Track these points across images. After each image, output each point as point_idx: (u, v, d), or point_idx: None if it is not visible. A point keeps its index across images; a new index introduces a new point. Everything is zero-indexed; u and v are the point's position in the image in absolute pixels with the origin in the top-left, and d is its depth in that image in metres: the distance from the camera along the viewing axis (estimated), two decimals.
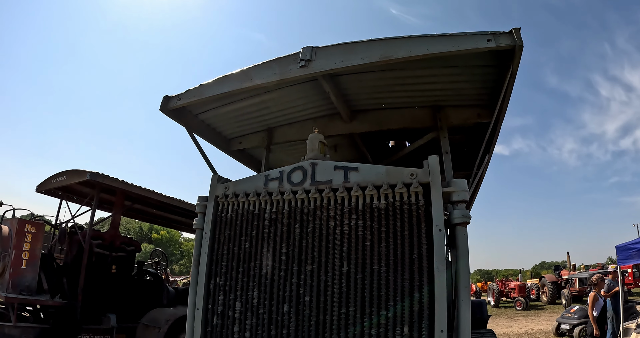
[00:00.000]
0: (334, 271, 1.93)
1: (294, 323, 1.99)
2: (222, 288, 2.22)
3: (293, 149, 3.71)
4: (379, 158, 3.67)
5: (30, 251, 5.55)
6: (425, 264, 1.84)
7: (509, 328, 15.73)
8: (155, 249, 10.73)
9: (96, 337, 5.90)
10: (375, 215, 1.94)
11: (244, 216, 2.23)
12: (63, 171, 6.45)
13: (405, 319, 1.83)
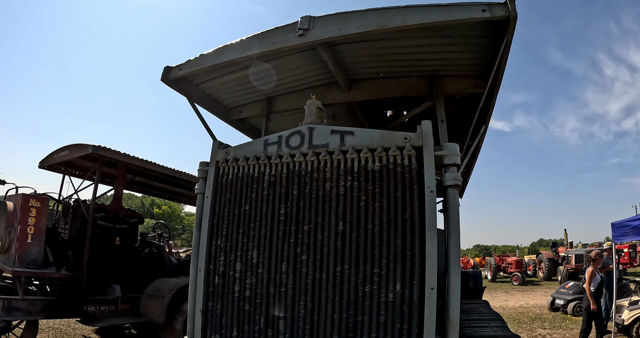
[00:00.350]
0: (329, 231, 2.03)
1: (291, 281, 2.10)
2: (223, 250, 2.33)
3: (292, 117, 3.77)
4: (377, 127, 3.74)
5: (36, 226, 5.66)
6: (417, 224, 1.93)
7: (505, 302, 16.09)
8: (158, 222, 10.91)
9: (101, 308, 6.07)
10: (369, 176, 2.02)
11: (244, 180, 2.32)
12: (65, 145, 6.50)
13: (397, 277, 1.93)
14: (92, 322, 5.92)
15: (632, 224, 6.95)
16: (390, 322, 1.93)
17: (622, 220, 7.26)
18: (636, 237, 6.94)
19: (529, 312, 13.03)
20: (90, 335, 8.02)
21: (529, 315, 12.51)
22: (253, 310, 2.21)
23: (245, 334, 2.25)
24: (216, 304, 2.35)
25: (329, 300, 2.01)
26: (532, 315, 12.36)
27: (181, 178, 7.16)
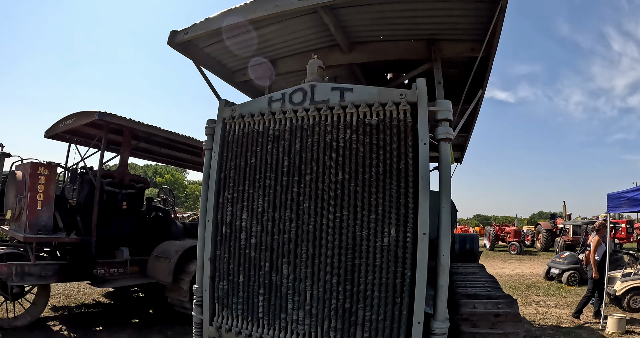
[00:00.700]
0: (330, 180, 2.19)
1: (294, 227, 2.27)
2: (230, 200, 2.50)
3: (295, 79, 3.89)
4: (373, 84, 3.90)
5: (45, 193, 5.81)
6: (411, 173, 2.08)
7: (502, 269, 16.50)
8: (163, 187, 11.18)
9: (111, 270, 6.30)
10: (367, 130, 2.16)
11: (249, 135, 2.46)
12: (71, 114, 6.59)
13: (392, 222, 2.10)
14: (102, 284, 6.17)
15: (627, 195, 7.04)
16: (386, 264, 2.11)
17: (618, 191, 7.35)
18: (630, 209, 7.05)
19: (524, 280, 13.42)
20: (99, 299, 8.34)
21: (525, 282, 12.89)
22: (258, 256, 2.40)
23: (251, 279, 2.44)
24: (224, 252, 2.54)
25: (329, 245, 2.19)
26: (528, 283, 12.74)
27: (185, 143, 7.28)
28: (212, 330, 2.64)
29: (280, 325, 2.35)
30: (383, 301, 2.11)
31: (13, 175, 5.98)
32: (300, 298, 2.27)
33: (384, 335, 2.13)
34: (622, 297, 8.45)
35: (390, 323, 2.12)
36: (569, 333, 7.07)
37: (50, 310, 6.96)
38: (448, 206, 2.12)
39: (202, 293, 2.66)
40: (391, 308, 2.11)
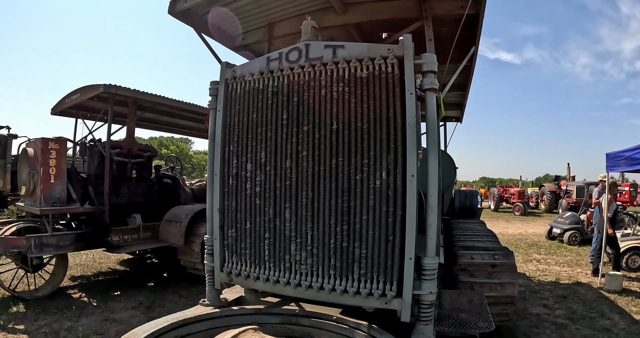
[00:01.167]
0: (325, 129, 2.39)
1: (294, 175, 2.50)
2: (235, 154, 2.72)
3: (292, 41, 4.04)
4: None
5: (57, 166, 6.07)
6: (399, 121, 2.27)
7: (505, 229, 16.92)
8: (170, 155, 11.51)
9: (125, 236, 6.64)
10: (358, 82, 2.35)
11: (250, 93, 2.66)
12: (76, 89, 6.79)
13: (383, 166, 2.31)
14: (117, 250, 6.51)
15: (625, 154, 7.18)
16: (378, 205, 2.33)
17: (617, 150, 7.50)
18: (628, 168, 7.21)
19: (527, 239, 13.84)
20: (115, 267, 8.75)
21: (527, 241, 13.33)
22: (263, 204, 2.63)
23: (257, 225, 2.69)
24: (231, 202, 2.78)
25: (326, 189, 2.41)
26: (530, 242, 13.19)
27: (189, 110, 7.47)
28: (223, 276, 2.91)
29: (285, 266, 2.61)
30: (377, 239, 2.34)
31: (25, 153, 6.21)
32: (302, 240, 2.52)
33: (379, 271, 2.37)
34: (621, 256, 8.73)
35: (385, 259, 2.35)
36: (566, 289, 7.40)
37: (69, 279, 7.35)
38: (435, 150, 2.32)
39: (213, 242, 2.92)
40: (384, 246, 2.34)
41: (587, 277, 8.30)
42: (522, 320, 5.85)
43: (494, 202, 25.60)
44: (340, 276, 2.44)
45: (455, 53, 4.41)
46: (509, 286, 4.73)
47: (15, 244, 5.55)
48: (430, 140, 2.34)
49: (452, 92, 6.81)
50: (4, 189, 10.75)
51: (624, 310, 6.21)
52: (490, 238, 5.85)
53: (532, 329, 5.52)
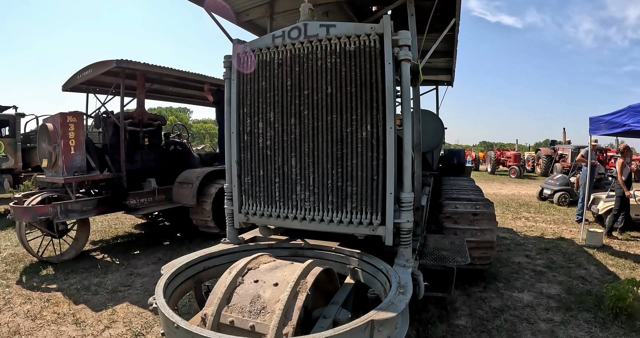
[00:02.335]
0: (322, 93, 3.05)
1: (298, 129, 3.17)
2: (249, 115, 3.39)
3: (292, 17, 4.64)
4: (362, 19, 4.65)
5: (76, 138, 6.67)
6: (380, 85, 2.92)
7: (499, 190, 17.79)
8: (176, 123, 12.20)
9: (141, 199, 7.35)
10: (348, 55, 2.98)
11: (259, 64, 3.30)
12: (87, 65, 7.36)
13: (368, 121, 2.97)
14: (135, 212, 7.24)
15: (606, 119, 7.76)
16: (365, 151, 3.01)
17: (599, 115, 8.06)
18: (608, 131, 7.75)
19: (518, 199, 14.68)
20: (131, 230, 9.52)
21: (518, 201, 14.17)
22: (273, 154, 3.32)
23: (269, 172, 3.38)
24: (246, 155, 3.47)
25: (324, 140, 3.09)
26: (521, 202, 14.04)
27: (193, 79, 8.05)
28: (241, 217, 3.63)
29: (292, 204, 3.32)
30: (364, 179, 3.03)
31: (44, 128, 6.78)
32: (305, 182, 3.22)
33: (367, 204, 3.07)
34: (604, 216, 9.47)
35: (371, 195, 3.05)
36: (550, 243, 8.19)
37: (90, 244, 8.11)
38: (408, 109, 2.99)
39: (232, 188, 3.62)
40: (371, 184, 3.03)
41: (571, 234, 9.05)
42: (505, 267, 6.62)
43: (490, 165, 26.45)
44: (336, 210, 3.15)
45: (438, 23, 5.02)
46: (488, 233, 5.41)
47: (43, 212, 6.24)
48: (405, 101, 3.00)
49: (441, 58, 7.39)
50: (15, 166, 11.41)
51: (601, 262, 6.86)
52: (475, 193, 6.54)
53: (512, 274, 6.27)
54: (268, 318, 2.33)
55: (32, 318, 4.71)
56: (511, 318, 4.73)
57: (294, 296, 2.41)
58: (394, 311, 2.24)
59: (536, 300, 5.23)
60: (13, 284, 5.85)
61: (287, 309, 2.33)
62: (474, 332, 4.42)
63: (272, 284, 2.55)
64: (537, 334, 4.36)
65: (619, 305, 4.60)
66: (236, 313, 2.45)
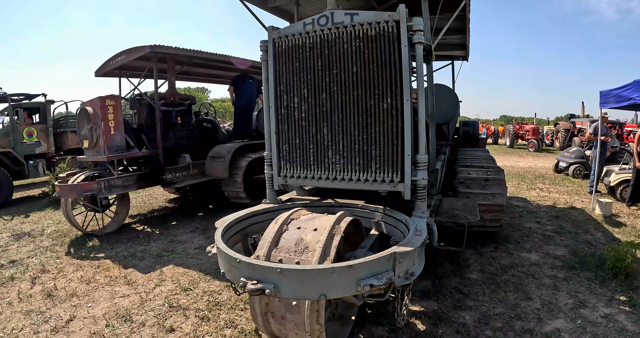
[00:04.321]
0: (348, 72, 3.66)
1: (329, 103, 3.80)
2: (285, 92, 4.03)
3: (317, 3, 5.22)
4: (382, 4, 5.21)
5: (115, 119, 7.37)
6: (398, 64, 3.50)
7: (516, 163, 18.34)
8: (204, 102, 13.02)
9: (177, 174, 8.10)
10: (369, 39, 3.57)
11: (293, 48, 3.92)
12: (120, 51, 8.01)
13: (388, 95, 3.57)
14: (171, 185, 8.03)
15: (614, 92, 8.13)
16: (386, 120, 3.61)
17: (609, 89, 8.41)
18: (616, 104, 8.11)
19: (534, 172, 15.22)
20: (166, 204, 10.33)
21: (534, 173, 14.73)
22: (307, 125, 3.97)
23: (304, 140, 4.03)
24: (283, 125, 4.13)
25: (351, 111, 3.72)
26: (537, 174, 14.59)
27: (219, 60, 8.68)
28: (280, 180, 4.31)
29: (325, 167, 3.98)
30: (386, 143, 3.65)
31: (84, 111, 7.45)
32: (336, 147, 3.87)
33: (388, 165, 3.69)
34: (616, 187, 9.88)
35: (392, 156, 3.66)
36: (561, 211, 8.69)
37: (129, 218, 8.90)
38: (422, 84, 3.60)
39: (271, 155, 4.30)
40: (391, 147, 3.64)
41: (582, 204, 9.48)
42: (516, 232, 7.17)
43: (509, 138, 26.78)
44: (363, 170, 3.81)
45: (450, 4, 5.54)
46: (499, 197, 5.97)
47: (88, 188, 7.02)
48: (419, 78, 3.60)
49: (455, 35, 7.88)
50: (48, 151, 12.29)
51: (607, 229, 7.28)
52: (488, 161, 7.09)
53: (522, 237, 6.82)
54: (310, 255, 3.01)
55: (86, 282, 5.48)
56: (518, 274, 5.24)
57: (331, 237, 3.10)
58: (411, 246, 2.90)
59: (542, 260, 5.73)
60: (62, 255, 6.66)
61: (326, 248, 3.01)
62: (484, 284, 4.96)
63: (312, 229, 3.24)
64: (541, 287, 4.83)
65: (618, 265, 4.96)
66: (284, 253, 3.15)
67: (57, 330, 4.16)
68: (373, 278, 2.65)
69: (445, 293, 4.75)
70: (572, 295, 4.62)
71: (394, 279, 2.73)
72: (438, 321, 4.11)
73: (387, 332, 3.90)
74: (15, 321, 4.42)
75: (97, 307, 4.72)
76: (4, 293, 5.21)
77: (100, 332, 4.09)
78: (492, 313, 4.25)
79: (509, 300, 4.54)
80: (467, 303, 4.48)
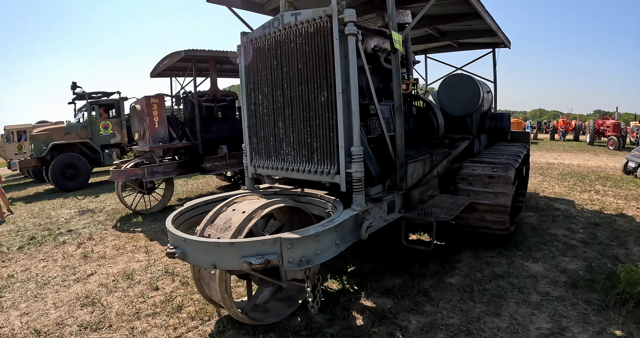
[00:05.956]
0: (294, 68, 3.85)
1: (281, 99, 4.03)
2: (253, 89, 4.37)
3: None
4: None
5: (159, 115, 8.32)
6: (331, 58, 3.57)
7: (586, 161, 16.40)
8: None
9: (215, 163, 8.79)
10: (309, 36, 3.70)
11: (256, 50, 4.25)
12: (165, 56, 8.93)
13: (324, 88, 3.66)
14: (209, 173, 8.76)
15: None
16: (323, 113, 3.71)
17: None
18: None
19: (601, 172, 13.25)
20: (212, 190, 11.15)
21: (599, 174, 12.71)
22: (268, 119, 4.25)
23: (266, 133, 4.32)
24: (253, 120, 4.48)
25: (297, 106, 3.91)
26: (602, 175, 12.53)
27: None
28: (252, 169, 4.65)
29: (280, 157, 4.23)
30: (324, 136, 3.75)
31: (134, 108, 8.57)
32: (288, 140, 4.09)
33: (326, 156, 3.78)
34: None
35: (329, 148, 3.74)
36: (605, 218, 7.25)
37: (176, 201, 9.90)
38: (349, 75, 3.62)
39: (246, 147, 4.64)
40: (328, 140, 3.72)
41: (635, 211, 7.82)
42: (537, 237, 6.15)
43: (589, 135, 24.22)
44: (308, 161, 3.98)
45: None
46: (502, 196, 5.34)
47: (134, 173, 8.06)
48: (351, 70, 3.56)
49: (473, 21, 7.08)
50: (122, 141, 13.95)
51: None
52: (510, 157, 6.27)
53: (539, 245, 5.79)
54: (228, 232, 3.31)
55: (116, 249, 6.53)
56: (505, 285, 4.50)
57: (249, 219, 3.37)
58: (301, 234, 2.98)
59: (546, 272, 4.82)
60: (109, 228, 7.87)
61: (241, 227, 3.29)
62: (457, 291, 4.39)
63: (241, 211, 3.53)
64: (522, 304, 4.06)
65: (629, 290, 3.91)
66: (214, 230, 3.49)
67: (78, 280, 5.28)
68: (253, 257, 2.87)
69: (409, 294, 4.39)
70: (553, 319, 3.79)
71: (275, 261, 2.89)
72: (379, 320, 3.88)
73: (325, 321, 3.91)
74: (53, 272, 5.67)
75: (115, 267, 5.70)
76: (55, 253, 6.49)
77: (106, 284, 5.08)
78: (443, 323, 3.78)
79: (472, 313, 3.95)
80: (424, 308, 4.07)
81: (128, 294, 4.72)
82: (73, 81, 13.73)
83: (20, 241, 7.33)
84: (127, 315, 4.19)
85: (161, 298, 4.53)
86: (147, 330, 3.86)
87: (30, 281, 5.31)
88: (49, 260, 6.18)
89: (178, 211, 3.96)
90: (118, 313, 4.24)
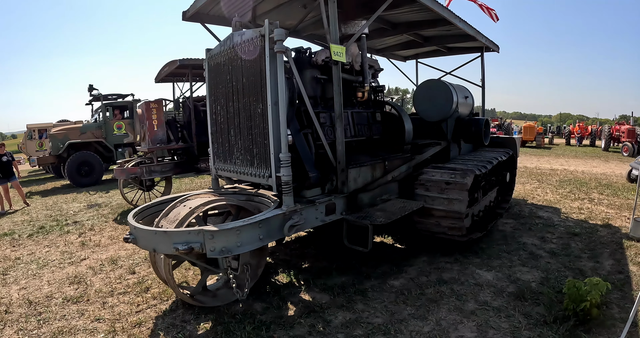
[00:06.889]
0: (240, 83, 4.33)
1: (232, 109, 4.54)
2: (213, 101, 4.91)
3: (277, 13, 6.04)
4: None
5: (158, 119, 8.98)
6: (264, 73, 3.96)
7: (593, 168, 15.91)
8: None
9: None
10: (250, 53, 4.14)
11: (214, 66, 4.81)
12: (165, 63, 9.56)
13: (260, 101, 4.08)
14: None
15: None
16: (260, 123, 4.14)
17: None
18: None
19: (604, 179, 12.76)
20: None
21: (601, 181, 12.24)
22: (224, 127, 4.77)
23: (222, 139, 4.84)
24: (214, 127, 5.01)
25: (242, 116, 4.39)
26: (604, 182, 12.04)
27: None
28: (214, 170, 5.22)
29: (232, 161, 4.74)
30: (261, 143, 4.18)
31: (136, 113, 9.40)
32: (238, 146, 4.58)
33: (262, 160, 4.21)
34: None
35: (264, 154, 4.16)
36: (587, 228, 6.98)
37: None
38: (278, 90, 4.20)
39: (210, 152, 5.21)
40: (264, 146, 4.15)
41: (624, 221, 7.42)
42: (503, 245, 6.02)
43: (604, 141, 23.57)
44: (250, 165, 4.46)
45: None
46: (457, 203, 5.34)
47: (133, 171, 8.77)
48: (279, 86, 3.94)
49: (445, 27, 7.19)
50: (134, 141, 14.95)
51: (626, 258, 5.51)
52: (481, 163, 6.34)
53: (501, 253, 5.67)
54: (173, 225, 3.91)
55: (110, 239, 7.27)
56: (445, 291, 4.48)
57: (191, 213, 3.96)
58: (220, 228, 3.46)
59: (495, 281, 4.73)
60: (110, 220, 8.64)
61: (183, 220, 3.88)
62: (395, 293, 4.49)
63: (188, 207, 4.12)
64: (453, 311, 4.03)
65: (572, 307, 3.77)
66: (166, 222, 4.10)
67: (72, 263, 6.04)
68: (181, 244, 3.43)
69: (347, 292, 4.56)
70: (479, 330, 3.69)
71: (198, 248, 3.42)
72: (308, 312, 4.12)
73: (262, 309, 4.29)
74: (53, 256, 6.48)
75: (106, 253, 6.43)
76: (58, 240, 7.33)
77: (93, 267, 5.83)
78: (366, 321, 3.90)
79: (399, 314, 4.01)
80: (355, 306, 4.22)
81: (109, 276, 5.42)
82: (90, 84, 14.73)
83: (30, 230, 8.21)
84: (103, 293, 4.87)
85: (134, 281, 5.19)
86: (116, 305, 4.51)
87: (32, 263, 6.08)
88: (52, 246, 7.00)
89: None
90: (97, 291, 4.92)
